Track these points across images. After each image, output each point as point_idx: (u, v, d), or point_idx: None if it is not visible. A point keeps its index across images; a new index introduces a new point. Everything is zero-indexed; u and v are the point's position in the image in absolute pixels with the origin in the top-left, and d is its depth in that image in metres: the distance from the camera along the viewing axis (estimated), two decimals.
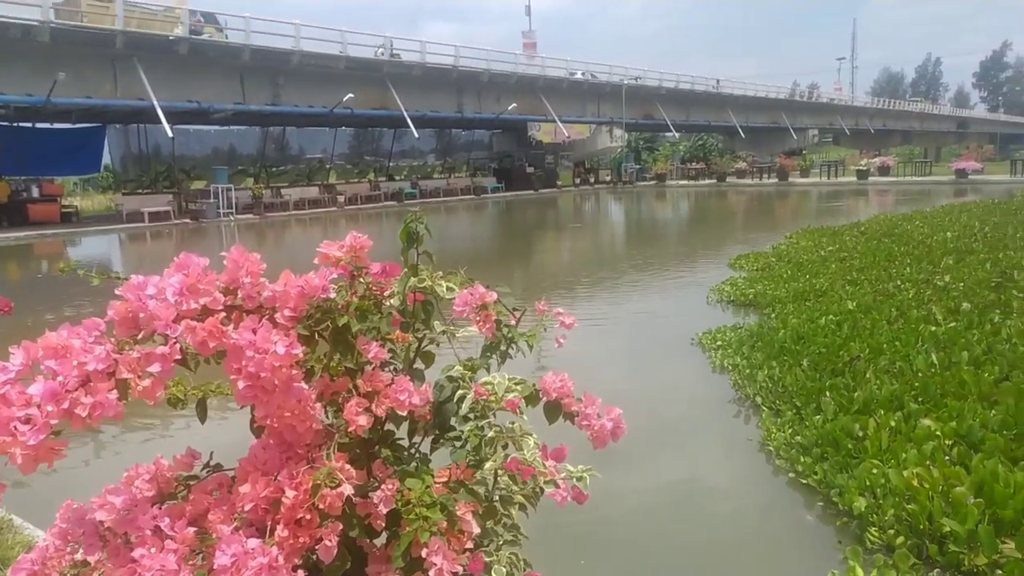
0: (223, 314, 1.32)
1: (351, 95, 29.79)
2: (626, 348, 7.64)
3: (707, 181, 43.84)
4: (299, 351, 1.29)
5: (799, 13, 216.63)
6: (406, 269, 1.59)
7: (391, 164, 41.89)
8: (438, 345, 1.90)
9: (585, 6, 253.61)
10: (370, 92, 31.42)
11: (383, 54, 31.84)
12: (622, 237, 21.52)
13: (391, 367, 1.74)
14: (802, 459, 4.05)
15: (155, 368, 1.26)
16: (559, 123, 39.15)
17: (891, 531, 3.18)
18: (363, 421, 1.39)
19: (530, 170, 41.41)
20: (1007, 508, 3.02)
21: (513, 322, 2.01)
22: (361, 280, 1.64)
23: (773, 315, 7.53)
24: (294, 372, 1.32)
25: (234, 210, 27.91)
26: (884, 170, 38.98)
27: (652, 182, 45.54)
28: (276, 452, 1.40)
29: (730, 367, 6.00)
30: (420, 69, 32.83)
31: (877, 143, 61.91)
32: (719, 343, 6.70)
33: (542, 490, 1.59)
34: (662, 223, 25.89)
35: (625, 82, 41.67)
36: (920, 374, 4.89)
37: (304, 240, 21.85)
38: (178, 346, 1.28)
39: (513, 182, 40.68)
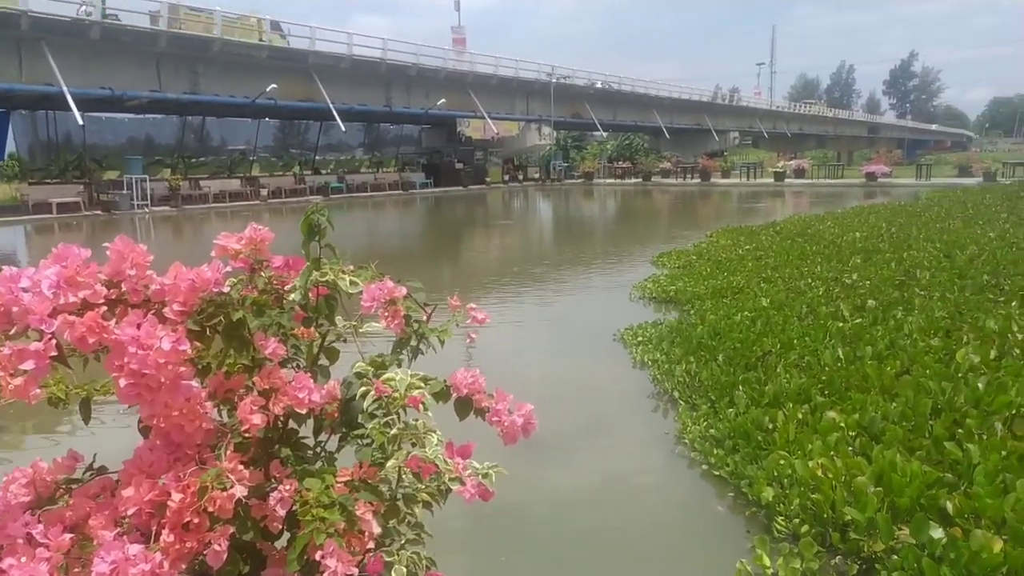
0: (105, 308, 1.25)
1: (274, 86, 29.01)
2: (551, 344, 7.69)
3: (633, 180, 44.69)
4: (187, 347, 1.23)
5: (722, 19, 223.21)
6: (308, 263, 1.54)
7: (317, 158, 41.02)
8: (345, 341, 1.86)
9: (516, 3, 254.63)
10: (295, 83, 30.68)
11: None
12: (550, 234, 21.69)
13: (294, 364, 1.69)
14: (715, 451, 4.16)
15: (28, 365, 1.18)
16: (488, 120, 39.16)
17: (796, 520, 3.30)
18: (257, 420, 1.34)
19: (459, 166, 41.29)
20: (903, 496, 3.16)
21: (424, 317, 1.99)
22: (262, 274, 1.59)
23: (692, 311, 7.72)
24: (182, 369, 1.25)
25: (149, 202, 26.82)
26: (800, 172, 40.54)
27: (580, 180, 46.11)
28: (163, 453, 1.34)
29: (650, 362, 6.12)
30: (347, 61, 32.27)
31: (794, 146, 64.38)
32: (640, 339, 6.82)
33: (449, 488, 1.58)
34: (589, 221, 26.22)
35: (554, 81, 41.98)
36: (827, 368, 5.09)
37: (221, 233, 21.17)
38: (54, 342, 1.20)
39: (442, 178, 40.47)
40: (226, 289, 1.39)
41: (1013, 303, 6.76)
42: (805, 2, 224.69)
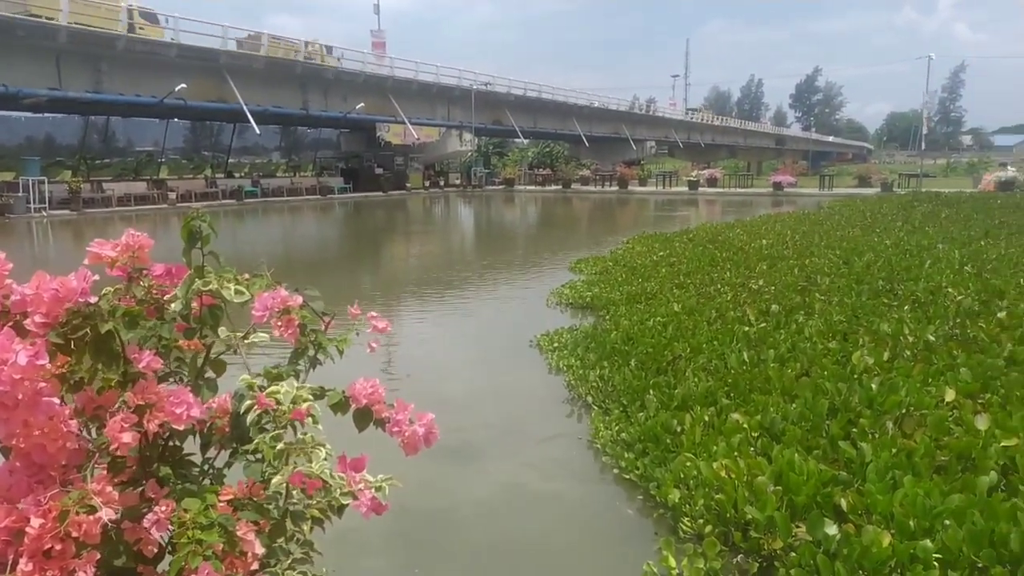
0: None
1: (184, 85, 27.98)
2: (467, 351, 7.66)
3: (553, 187, 45.22)
4: (45, 361, 1.14)
5: (640, 32, 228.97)
6: (190, 271, 1.47)
7: (231, 160, 39.79)
8: (236, 352, 1.78)
9: (438, 9, 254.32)
10: (206, 83, 29.69)
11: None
12: (470, 241, 21.68)
13: (176, 377, 1.60)
14: (626, 455, 4.23)
15: None
16: (409, 125, 38.89)
17: (701, 520, 3.37)
18: (127, 439, 1.26)
19: (379, 171, 40.81)
20: (800, 494, 3.28)
21: (322, 327, 1.93)
22: (140, 283, 1.50)
23: (607, 317, 7.84)
24: (42, 385, 1.17)
25: (47, 205, 25.39)
26: (712, 181, 41.91)
27: (501, 186, 46.32)
28: (24, 476, 1.24)
29: (565, 368, 6.18)
30: (261, 62, 31.45)
31: (707, 156, 66.59)
32: (556, 345, 6.88)
33: (343, 504, 1.53)
34: (510, 227, 26.36)
35: (475, 87, 42.08)
36: (733, 371, 5.24)
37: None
38: None
39: (361, 183, 39.91)
40: (94, 299, 1.30)
41: (905, 307, 7.14)
42: (718, 17, 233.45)
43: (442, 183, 45.65)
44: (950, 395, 4.45)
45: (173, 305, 1.44)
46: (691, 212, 28.77)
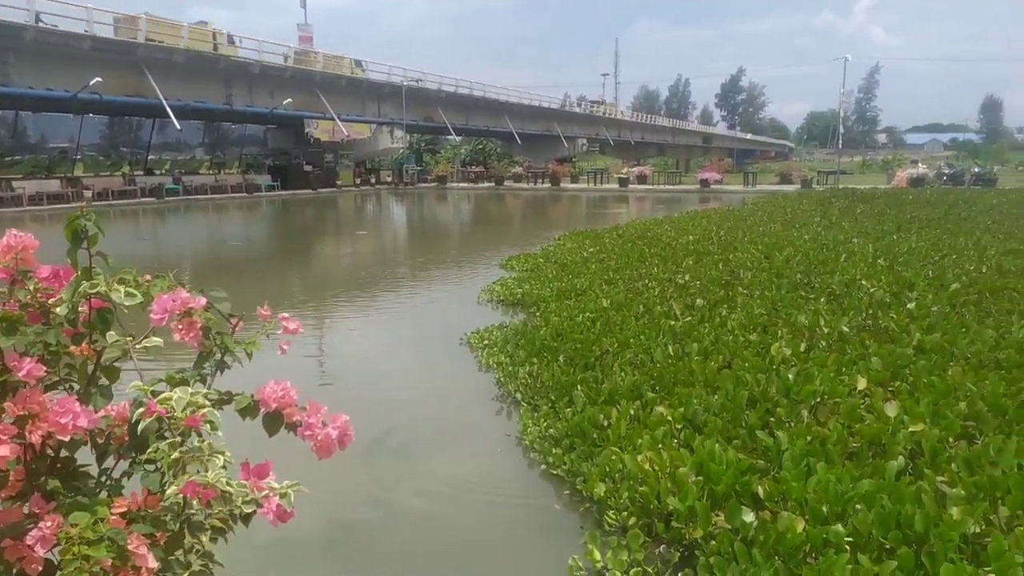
0: None
1: (99, 79, 26.78)
2: (398, 351, 7.58)
3: (486, 184, 45.23)
4: None
5: (570, 30, 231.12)
6: (77, 273, 1.39)
7: (151, 157, 38.31)
8: (131, 358, 1.70)
9: (369, 4, 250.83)
10: (123, 77, 28.50)
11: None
12: (402, 238, 21.48)
13: (67, 385, 1.52)
14: (554, 451, 4.25)
15: None
16: (338, 121, 38.25)
17: (625, 513, 3.42)
18: (5, 452, 1.19)
19: (308, 168, 40.02)
20: (720, 484, 3.36)
21: (229, 329, 1.87)
22: (26, 286, 1.42)
23: (537, 314, 7.88)
24: None
25: None
26: (642, 178, 42.65)
27: (433, 184, 46.06)
28: None
29: (495, 365, 6.17)
30: (182, 55, 30.37)
31: (637, 153, 67.69)
32: (486, 342, 6.87)
33: (246, 512, 1.48)
34: (442, 225, 26.24)
35: (405, 83, 41.67)
36: (658, 365, 5.34)
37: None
38: None
39: (290, 180, 39.07)
40: None
41: (822, 299, 7.41)
42: (646, 17, 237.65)
43: (373, 180, 45.11)
44: (862, 383, 4.64)
45: (59, 309, 1.36)
46: (622, 209, 29.21)
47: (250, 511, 1.39)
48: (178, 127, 32.33)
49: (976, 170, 37.71)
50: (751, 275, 8.94)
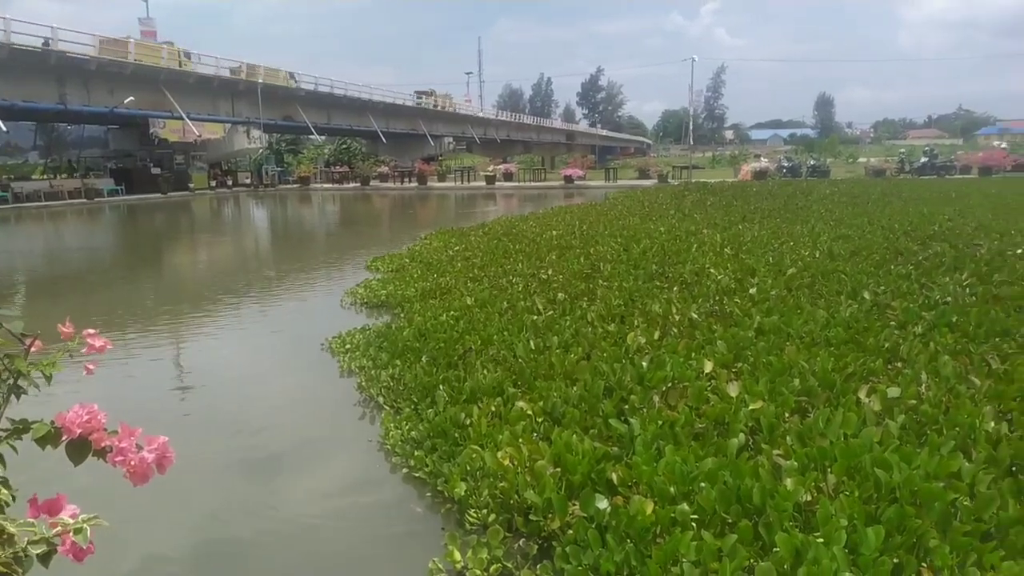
0: None
1: None
2: (257, 362, 7.23)
3: (352, 185, 44.32)
4: None
5: (433, 28, 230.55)
6: None
7: None
8: None
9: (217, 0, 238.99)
10: None
11: None
12: (263, 244, 20.60)
13: None
14: (415, 453, 4.20)
15: None
16: (187, 120, 36.18)
17: (485, 510, 3.42)
18: None
19: (156, 171, 37.63)
20: (576, 473, 3.43)
21: (21, 351, 1.69)
22: None
23: (402, 314, 7.78)
24: None
25: None
26: (508, 176, 43.24)
27: (296, 185, 44.59)
28: None
29: (357, 369, 6.04)
30: (4, 50, 27.68)
31: (504, 151, 68.52)
32: (348, 346, 6.70)
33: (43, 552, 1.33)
34: (306, 228, 25.42)
35: (261, 81, 40.02)
36: (520, 360, 5.40)
37: None
38: None
39: (136, 184, 36.55)
40: None
41: (674, 288, 7.77)
42: (507, 16, 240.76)
43: (230, 183, 43.04)
44: (708, 367, 4.89)
45: None
46: (489, 206, 29.45)
47: (39, 551, 1.25)
48: (4, 129, 29.48)
49: (812, 163, 40.97)
50: (611, 267, 9.22)
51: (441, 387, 4.96)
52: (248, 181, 44.45)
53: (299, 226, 25.97)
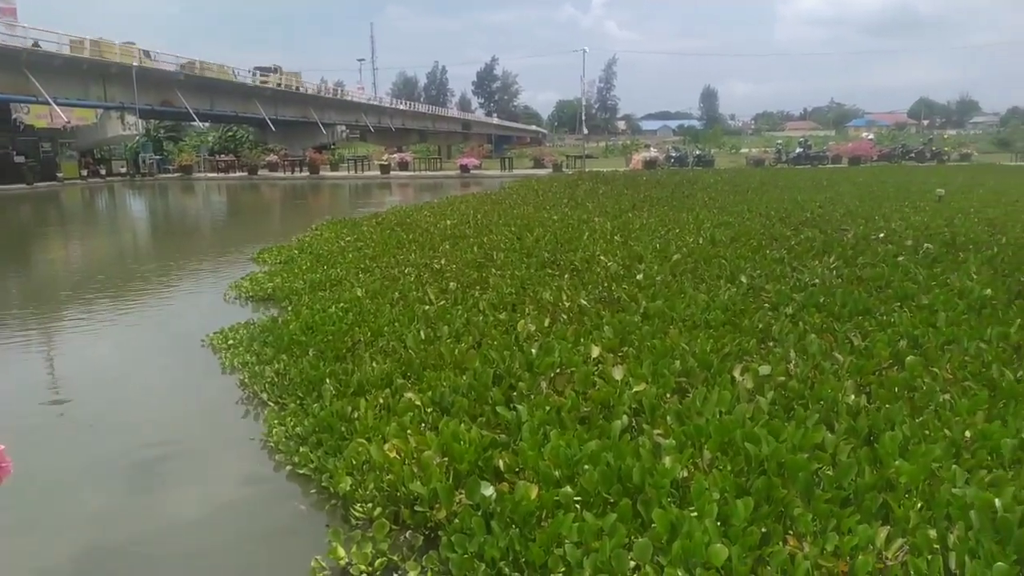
0: None
1: None
2: (130, 361, 6.79)
3: (238, 174, 42.56)
4: None
5: (322, 12, 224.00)
6: None
7: None
8: None
9: None
10: None
11: None
12: (140, 236, 19.45)
13: None
14: (300, 449, 4.08)
15: None
16: (54, 105, 33.63)
17: (371, 504, 3.37)
18: None
19: (20, 160, 34.79)
20: (463, 462, 3.43)
21: None
22: None
23: (289, 308, 7.54)
24: None
25: None
26: (404, 165, 42.74)
27: (177, 175, 42.38)
28: None
29: (240, 365, 5.81)
30: None
31: (399, 140, 67.53)
32: (231, 342, 6.44)
33: None
34: (188, 219, 24.21)
35: (136, 64, 37.67)
36: (410, 351, 5.34)
37: None
38: None
39: None
40: None
41: (566, 276, 7.89)
42: (397, 3, 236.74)
43: (104, 172, 40.32)
44: (596, 351, 5.00)
45: None
46: (383, 196, 29.00)
47: None
48: None
49: (697, 153, 42.66)
50: (504, 256, 9.27)
51: (328, 381, 4.84)
52: (124, 170, 41.75)
53: (181, 217, 24.71)
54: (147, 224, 22.50)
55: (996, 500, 2.74)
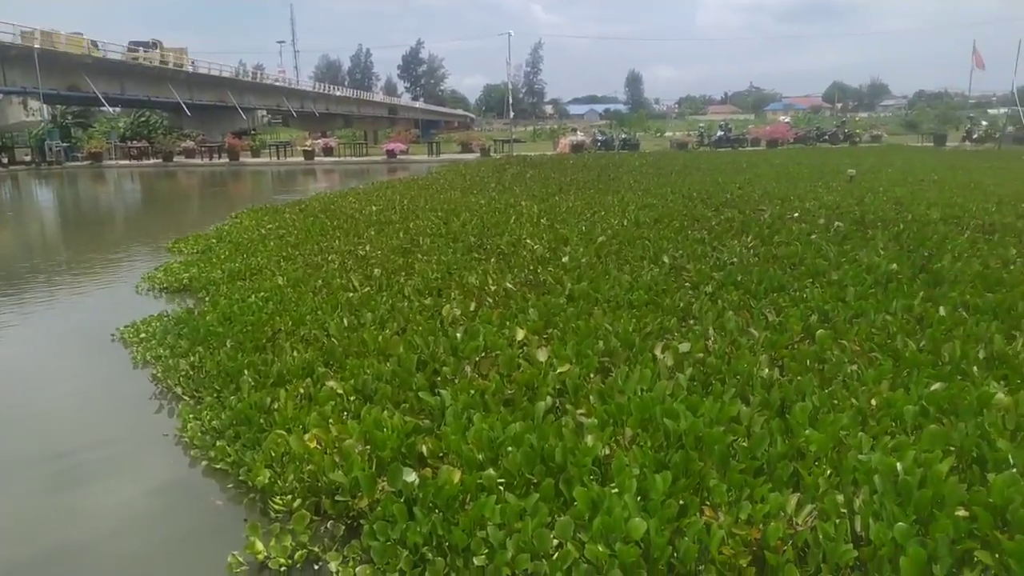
0: None
1: None
2: (33, 357, 6.44)
3: (152, 161, 40.80)
4: None
5: None
6: None
7: None
8: None
9: None
10: None
11: None
12: (48, 227, 18.44)
13: None
14: (217, 443, 3.95)
15: None
16: None
17: (291, 496, 3.29)
18: None
19: None
20: (385, 449, 3.38)
21: None
22: None
23: (206, 298, 7.29)
24: None
25: None
26: (328, 151, 41.75)
27: (86, 162, 40.33)
28: None
29: (153, 359, 5.58)
30: None
31: (323, 125, 65.99)
32: (143, 335, 6.18)
33: None
34: (99, 208, 23.09)
35: (37, 46, 35.56)
36: (333, 339, 5.23)
37: None
38: None
39: None
40: None
41: (492, 260, 7.87)
42: None
43: (6, 160, 38.06)
44: (520, 334, 5.00)
45: None
46: (307, 182, 28.32)
47: None
48: None
49: (623, 137, 43.19)
50: (430, 241, 9.19)
51: (246, 372, 4.70)
52: (28, 158, 39.49)
53: (91, 207, 23.53)
54: (55, 215, 21.34)
55: (898, 464, 2.87)
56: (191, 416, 4.35)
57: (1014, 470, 2.86)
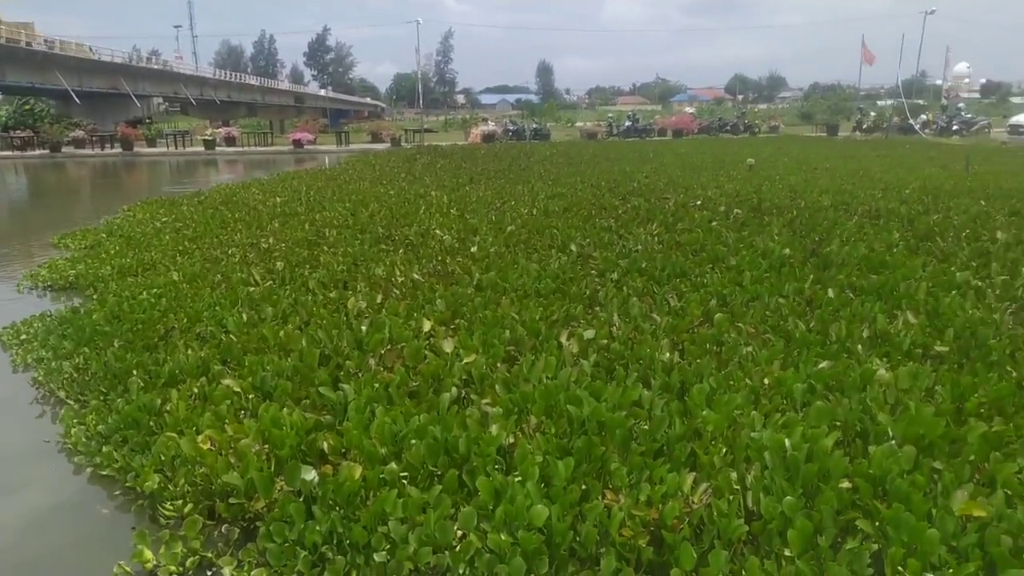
0: None
1: None
2: None
3: (38, 152, 38.26)
4: None
5: None
6: None
7: None
8: None
9: None
10: None
11: None
12: None
13: None
14: (103, 449, 3.73)
15: None
16: None
17: (182, 501, 3.14)
18: None
19: None
20: (284, 448, 3.27)
21: None
22: None
23: (94, 296, 6.88)
24: None
25: None
26: (231, 140, 40.21)
27: None
28: None
29: (34, 362, 5.23)
30: None
31: (225, 114, 63.45)
32: (24, 337, 5.78)
33: None
34: None
35: None
36: (231, 335, 5.03)
37: None
38: None
39: None
40: None
41: (400, 251, 7.76)
42: None
43: None
44: (427, 325, 4.95)
45: None
46: (208, 173, 27.19)
47: None
48: None
49: (534, 126, 43.45)
50: (336, 233, 8.97)
51: (135, 372, 4.45)
52: None
53: None
54: None
55: (787, 440, 2.98)
56: (75, 421, 4.09)
57: (892, 442, 3.03)
